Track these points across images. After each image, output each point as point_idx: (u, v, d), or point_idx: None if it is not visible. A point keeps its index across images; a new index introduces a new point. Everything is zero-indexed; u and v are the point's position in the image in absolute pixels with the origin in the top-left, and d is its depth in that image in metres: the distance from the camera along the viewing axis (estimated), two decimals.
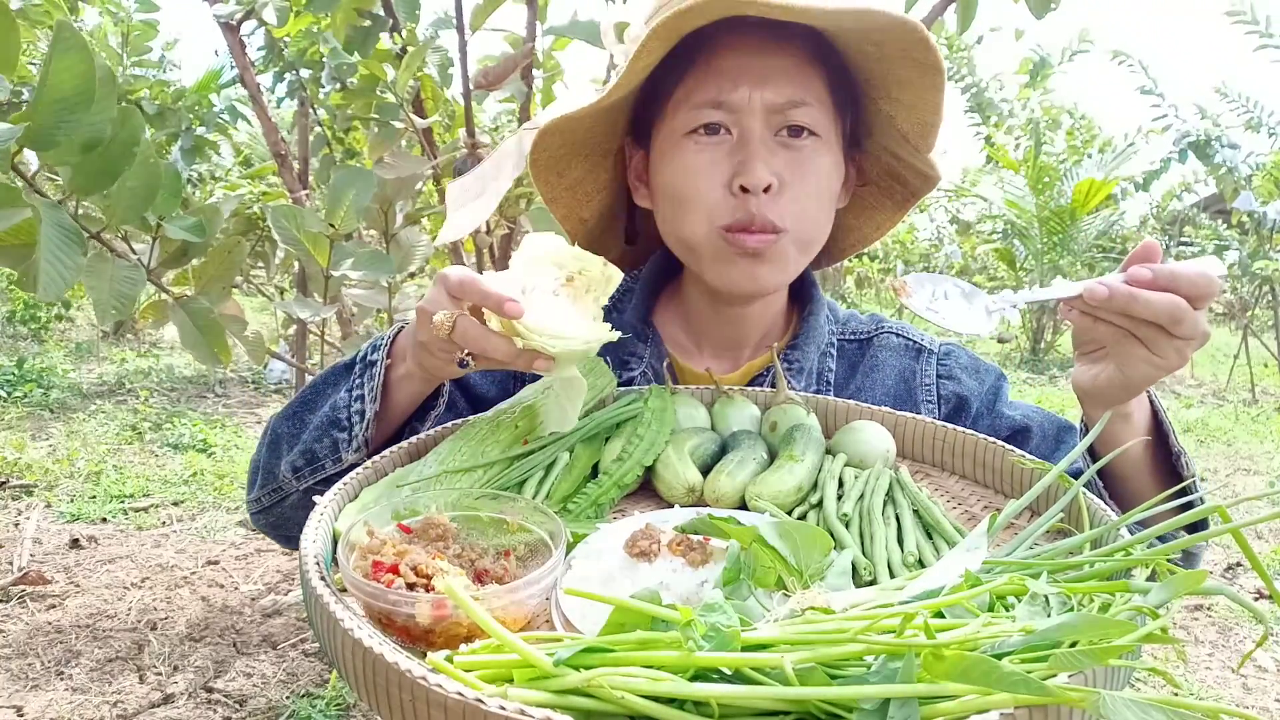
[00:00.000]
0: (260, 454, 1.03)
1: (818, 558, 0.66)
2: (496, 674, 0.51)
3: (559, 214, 1.14)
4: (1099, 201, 7.51)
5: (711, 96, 0.98)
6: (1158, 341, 0.79)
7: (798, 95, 0.98)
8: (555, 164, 1.07)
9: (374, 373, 0.93)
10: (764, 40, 0.98)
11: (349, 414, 0.93)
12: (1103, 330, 0.82)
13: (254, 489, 1.03)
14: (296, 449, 0.97)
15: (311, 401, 1.00)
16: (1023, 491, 0.88)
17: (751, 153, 0.97)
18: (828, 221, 1.06)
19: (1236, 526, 0.55)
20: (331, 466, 0.94)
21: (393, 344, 0.95)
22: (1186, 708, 0.44)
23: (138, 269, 1.38)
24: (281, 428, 1.01)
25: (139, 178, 1.26)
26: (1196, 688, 2.75)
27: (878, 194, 1.16)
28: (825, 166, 1.02)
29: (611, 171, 1.15)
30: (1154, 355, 0.80)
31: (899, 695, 0.47)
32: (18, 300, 7.16)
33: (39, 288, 1.14)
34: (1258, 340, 7.62)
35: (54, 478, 4.21)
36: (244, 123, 3.35)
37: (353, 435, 0.92)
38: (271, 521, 1.05)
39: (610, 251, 1.24)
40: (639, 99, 1.06)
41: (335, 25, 2.05)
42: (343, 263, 1.71)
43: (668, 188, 1.04)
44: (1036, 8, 1.69)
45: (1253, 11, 4.93)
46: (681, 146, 1.01)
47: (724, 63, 0.98)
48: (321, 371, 1.04)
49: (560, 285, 0.81)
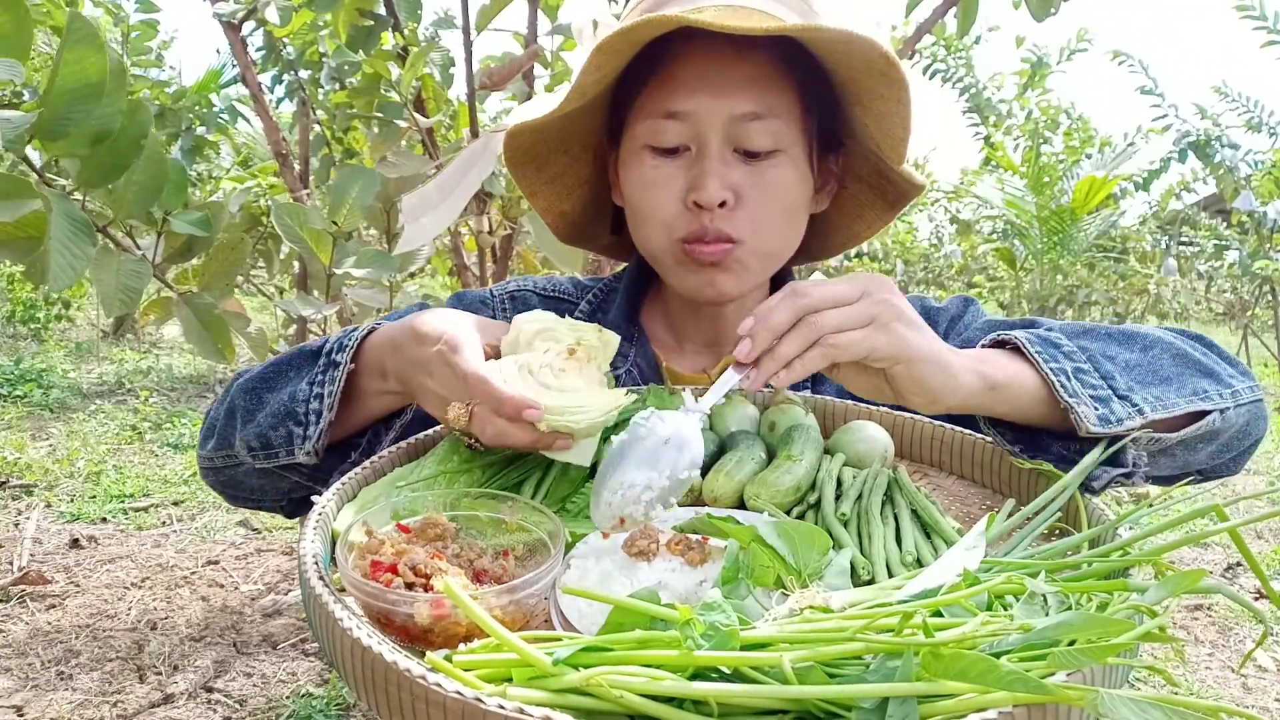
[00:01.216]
0: (218, 414, 1.02)
1: (816, 557, 0.66)
2: (495, 673, 0.51)
3: (539, 206, 1.13)
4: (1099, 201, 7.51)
5: (667, 107, 0.96)
6: (833, 346, 0.75)
7: (758, 107, 0.95)
8: (533, 159, 1.07)
9: (335, 375, 0.90)
10: (726, 49, 0.95)
11: (306, 410, 0.91)
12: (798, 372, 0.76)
13: (207, 446, 1.02)
14: (252, 428, 0.95)
15: (273, 381, 0.98)
16: (1021, 491, 0.88)
17: (706, 169, 0.95)
18: (793, 232, 1.04)
19: (1234, 526, 0.55)
20: (285, 457, 0.93)
21: (360, 347, 0.92)
22: (1185, 705, 0.44)
23: (144, 262, 1.38)
24: (240, 399, 0.99)
25: (146, 171, 1.26)
26: (1196, 687, 2.75)
27: (869, 193, 1.13)
28: (787, 179, 0.99)
29: (593, 166, 1.14)
30: (850, 373, 0.78)
31: (898, 694, 0.47)
32: (17, 300, 7.16)
33: (49, 277, 1.14)
34: (1258, 340, 7.62)
35: (54, 478, 4.21)
36: (244, 122, 3.36)
37: (306, 435, 0.91)
38: (222, 481, 1.05)
39: (599, 239, 1.24)
40: (612, 99, 1.05)
41: (337, 24, 2.05)
42: (345, 261, 1.72)
43: (629, 197, 1.04)
44: (1037, 10, 1.69)
45: (1261, 7, 4.91)
46: (640, 158, 1.00)
47: (683, 72, 0.96)
48: (290, 350, 1.01)
49: (563, 360, 0.82)
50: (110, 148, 1.17)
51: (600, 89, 0.98)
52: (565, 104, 0.95)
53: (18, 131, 1.03)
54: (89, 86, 1.08)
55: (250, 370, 1.03)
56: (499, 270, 2.33)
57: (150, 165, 1.26)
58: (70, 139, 1.11)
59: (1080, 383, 0.83)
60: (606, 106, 1.07)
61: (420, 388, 0.85)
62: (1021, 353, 0.86)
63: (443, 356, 0.80)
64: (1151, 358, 0.89)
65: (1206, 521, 0.57)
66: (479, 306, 1.18)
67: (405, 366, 0.87)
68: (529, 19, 1.99)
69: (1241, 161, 6.46)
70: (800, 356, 0.74)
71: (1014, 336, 0.88)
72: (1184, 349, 0.92)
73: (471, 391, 0.77)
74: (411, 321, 0.87)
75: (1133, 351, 0.90)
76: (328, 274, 1.74)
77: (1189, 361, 0.90)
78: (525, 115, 1.01)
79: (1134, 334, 0.92)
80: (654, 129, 0.98)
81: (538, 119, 0.99)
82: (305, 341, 2.76)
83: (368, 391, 0.94)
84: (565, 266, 2.01)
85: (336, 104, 2.34)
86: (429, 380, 0.82)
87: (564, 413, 0.76)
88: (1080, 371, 0.84)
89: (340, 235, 1.72)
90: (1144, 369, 0.88)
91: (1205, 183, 7.13)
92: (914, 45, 2.15)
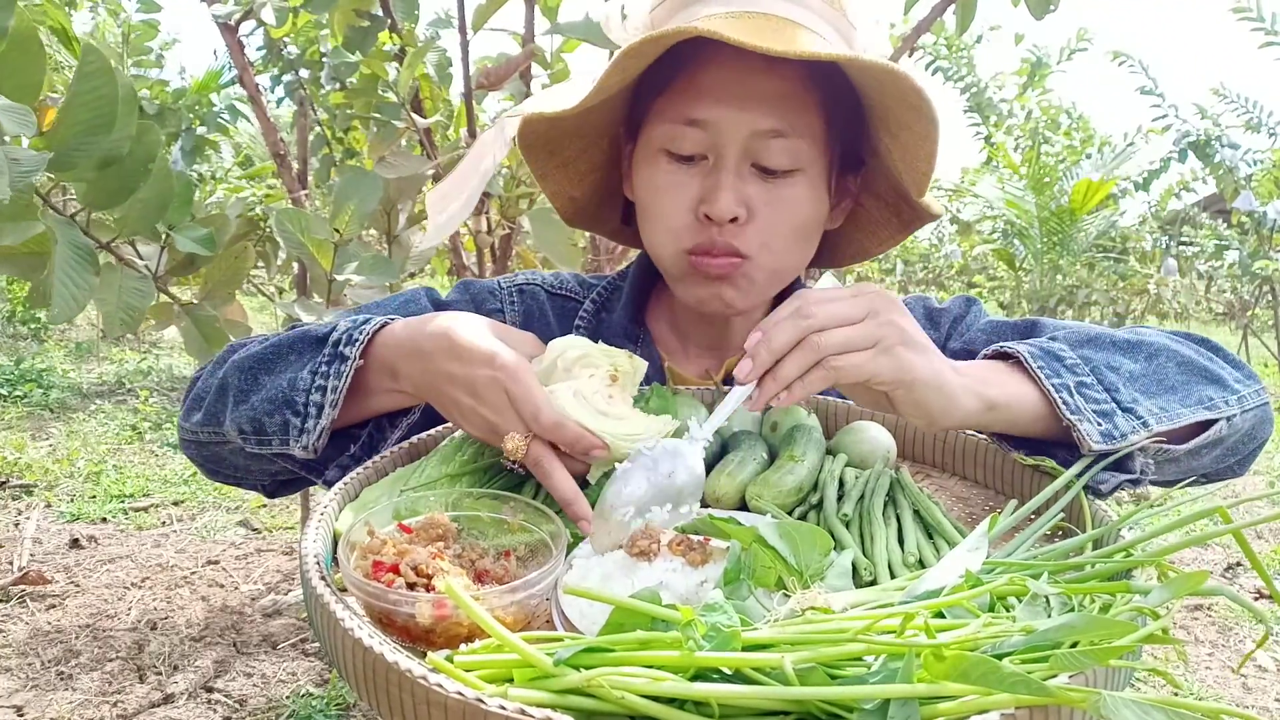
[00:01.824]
0: (207, 389, 0.98)
1: (818, 558, 0.66)
2: (496, 674, 0.51)
3: (549, 190, 1.11)
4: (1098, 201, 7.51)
5: (689, 114, 0.94)
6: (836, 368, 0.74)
7: (781, 125, 0.93)
8: (547, 144, 1.06)
9: (342, 370, 0.87)
10: (756, 61, 0.91)
11: (307, 400, 0.88)
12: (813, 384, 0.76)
13: (191, 419, 0.98)
14: (245, 411, 0.92)
15: (272, 362, 0.94)
16: (1024, 492, 0.88)
17: (720, 181, 0.93)
18: (803, 251, 1.03)
19: (1237, 527, 0.55)
20: (279, 445, 0.89)
21: (370, 343, 0.89)
22: (1186, 708, 0.44)
23: (146, 280, 1.37)
24: (233, 378, 0.95)
25: (152, 190, 1.24)
26: (1196, 688, 2.75)
27: (885, 211, 1.11)
28: (803, 198, 0.97)
29: (608, 153, 1.11)
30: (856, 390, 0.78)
31: (899, 695, 0.47)
32: (17, 300, 7.16)
33: (52, 311, 1.13)
34: (1258, 340, 7.62)
35: (54, 478, 4.21)
36: (244, 122, 3.36)
37: (305, 429, 0.87)
38: (205, 455, 1.02)
39: (606, 224, 1.21)
40: (633, 93, 1.04)
41: (333, 25, 2.05)
42: (346, 266, 1.72)
43: (640, 197, 1.02)
44: (1036, 8, 1.69)
45: (1258, 8, 4.91)
46: (655, 161, 0.98)
47: (708, 80, 0.94)
48: (290, 331, 0.97)
49: (608, 386, 0.83)
50: (118, 171, 1.16)
51: (622, 86, 0.96)
52: (586, 100, 0.93)
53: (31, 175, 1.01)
54: (100, 117, 1.07)
55: (247, 345, 0.99)
56: (498, 270, 2.34)
57: (157, 182, 1.24)
58: (78, 168, 1.10)
59: (1083, 398, 0.82)
60: (627, 100, 1.05)
61: (455, 405, 0.82)
62: (1023, 366, 0.85)
63: (500, 385, 0.78)
64: (1156, 367, 0.88)
65: (1208, 522, 0.57)
66: (487, 296, 1.16)
67: (435, 380, 0.83)
68: (526, 18, 1.99)
69: (1241, 161, 6.45)
70: (802, 378, 0.74)
71: (1016, 350, 0.87)
72: (1189, 356, 0.91)
73: (542, 430, 0.77)
74: (444, 331, 0.83)
75: (1137, 361, 0.89)
76: (329, 279, 1.74)
77: (1194, 369, 0.90)
78: (541, 106, 0.99)
79: (1138, 342, 0.91)
80: (672, 134, 0.96)
81: (554, 112, 0.97)
82: None
83: (374, 389, 0.91)
84: (564, 266, 2.01)
85: (335, 104, 2.34)
86: (475, 403, 0.80)
87: (625, 439, 0.78)
88: (1083, 386, 0.83)
89: (342, 241, 1.72)
90: (1149, 379, 0.87)
91: (1205, 182, 7.13)
92: (913, 43, 2.15)
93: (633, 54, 0.85)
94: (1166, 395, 0.86)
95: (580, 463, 0.80)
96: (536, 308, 1.17)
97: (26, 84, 1.05)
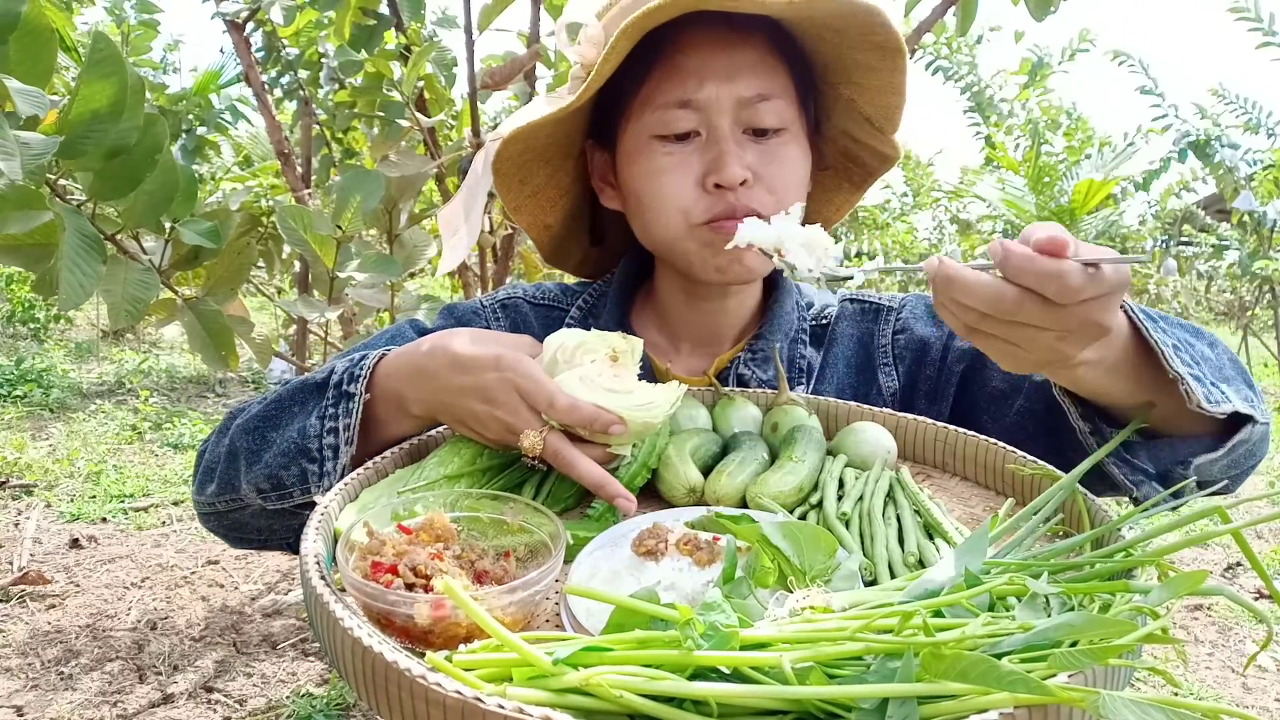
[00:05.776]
0: (216, 458, 0.98)
1: (822, 559, 0.66)
2: (495, 673, 0.51)
3: (524, 222, 1.13)
4: (1098, 201, 7.51)
5: (678, 96, 0.98)
6: (1025, 334, 0.68)
7: (764, 89, 0.99)
8: (517, 171, 1.07)
9: (350, 407, 0.87)
10: (726, 35, 0.98)
11: (320, 446, 0.88)
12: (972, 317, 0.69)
13: (206, 491, 0.98)
14: (259, 470, 0.91)
15: (275, 419, 0.94)
16: (1023, 492, 0.88)
17: (723, 150, 0.98)
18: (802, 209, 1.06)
19: (1237, 527, 0.55)
20: (300, 496, 0.89)
21: (373, 376, 0.89)
22: (1186, 708, 0.44)
23: (151, 273, 1.37)
24: (241, 441, 0.95)
25: (157, 182, 1.25)
26: (1196, 688, 2.75)
27: (835, 177, 1.18)
28: (795, 155, 1.03)
29: (573, 175, 1.14)
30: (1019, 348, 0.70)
31: (898, 694, 0.47)
32: (17, 300, 7.17)
33: (60, 299, 1.13)
34: (1258, 340, 7.62)
35: (54, 478, 4.21)
36: (244, 122, 3.36)
37: (324, 472, 0.87)
38: (225, 525, 1.01)
39: (574, 256, 1.24)
40: (598, 100, 1.05)
41: (341, 23, 2.05)
42: (349, 264, 1.72)
43: (638, 190, 1.04)
44: (1036, 9, 1.69)
45: (1256, 9, 4.91)
46: (650, 148, 1.01)
47: (688, 60, 0.98)
48: (285, 385, 0.97)
49: (610, 367, 0.86)
50: (125, 161, 1.16)
51: (601, 83, 0.98)
52: (584, 94, 0.95)
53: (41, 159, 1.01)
54: (109, 106, 1.07)
55: (246, 409, 1.00)
56: (499, 270, 2.33)
57: (162, 175, 1.25)
58: (86, 156, 1.11)
59: (1180, 360, 0.79)
60: (589, 109, 1.07)
61: (470, 415, 0.83)
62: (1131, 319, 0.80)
63: (510, 383, 0.79)
64: (1217, 354, 0.88)
65: (1208, 522, 0.57)
66: (472, 318, 1.17)
67: (445, 395, 0.84)
68: (531, 18, 1.99)
69: (1241, 161, 6.45)
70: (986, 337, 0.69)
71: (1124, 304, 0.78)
72: (1232, 354, 0.91)
73: (559, 415, 0.78)
74: (443, 347, 0.84)
75: (1203, 344, 0.87)
76: (330, 277, 1.75)
77: (1239, 368, 0.90)
78: (521, 120, 1.01)
79: (1199, 330, 0.90)
80: (664, 119, 0.99)
81: (539, 119, 0.98)
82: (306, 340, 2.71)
83: (383, 420, 0.91)
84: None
85: (338, 103, 2.34)
86: (490, 408, 0.81)
87: (639, 409, 0.81)
88: (1179, 349, 0.80)
89: (344, 239, 1.72)
90: (1213, 365, 0.85)
91: (1205, 182, 7.13)
92: (914, 44, 2.15)
93: (628, 33, 0.89)
94: (1225, 385, 0.84)
95: (599, 449, 0.81)
96: (522, 321, 1.18)
97: (38, 70, 1.06)
